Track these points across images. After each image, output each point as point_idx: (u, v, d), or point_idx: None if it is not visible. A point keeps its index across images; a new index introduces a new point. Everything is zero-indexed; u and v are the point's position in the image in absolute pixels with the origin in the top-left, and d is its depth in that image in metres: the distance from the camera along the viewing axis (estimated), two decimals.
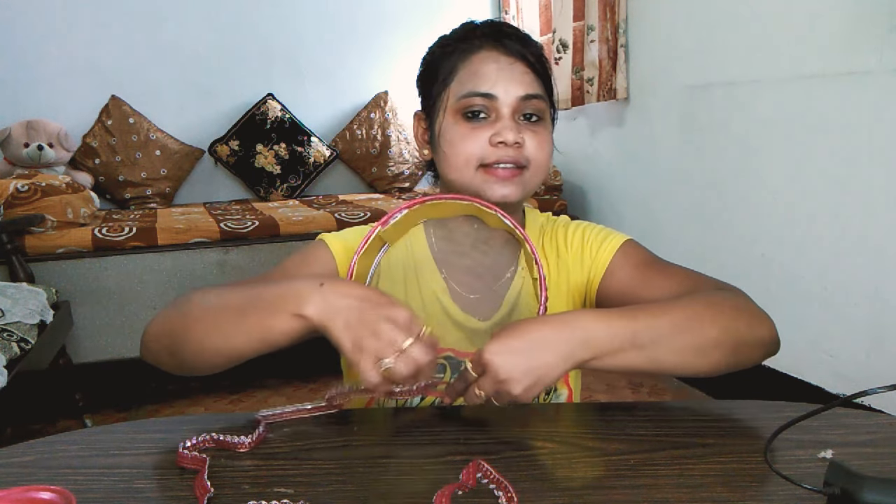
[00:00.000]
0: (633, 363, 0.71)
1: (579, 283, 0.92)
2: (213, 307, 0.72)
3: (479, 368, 0.68)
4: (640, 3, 2.67)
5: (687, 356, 0.72)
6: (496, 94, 0.83)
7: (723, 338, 0.73)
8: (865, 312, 1.89)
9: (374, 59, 3.69)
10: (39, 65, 3.24)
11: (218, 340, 0.70)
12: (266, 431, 0.71)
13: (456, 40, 0.88)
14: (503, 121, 0.83)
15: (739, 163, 2.26)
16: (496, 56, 0.84)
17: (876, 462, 0.63)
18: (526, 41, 0.86)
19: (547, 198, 3.03)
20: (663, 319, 0.72)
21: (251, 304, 0.70)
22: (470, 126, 0.84)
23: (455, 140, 0.85)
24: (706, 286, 0.81)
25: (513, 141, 0.82)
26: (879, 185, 1.81)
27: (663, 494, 0.59)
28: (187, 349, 0.73)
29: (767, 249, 2.18)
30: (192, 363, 0.74)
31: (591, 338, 0.69)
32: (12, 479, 0.62)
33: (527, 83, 0.84)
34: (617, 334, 0.70)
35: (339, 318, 0.64)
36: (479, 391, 0.68)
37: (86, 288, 2.41)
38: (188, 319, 0.73)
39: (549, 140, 0.87)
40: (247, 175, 3.48)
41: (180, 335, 0.73)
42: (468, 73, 0.85)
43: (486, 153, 0.83)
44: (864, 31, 1.80)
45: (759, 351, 0.76)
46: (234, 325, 0.70)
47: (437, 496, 0.56)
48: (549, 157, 0.87)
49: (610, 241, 0.90)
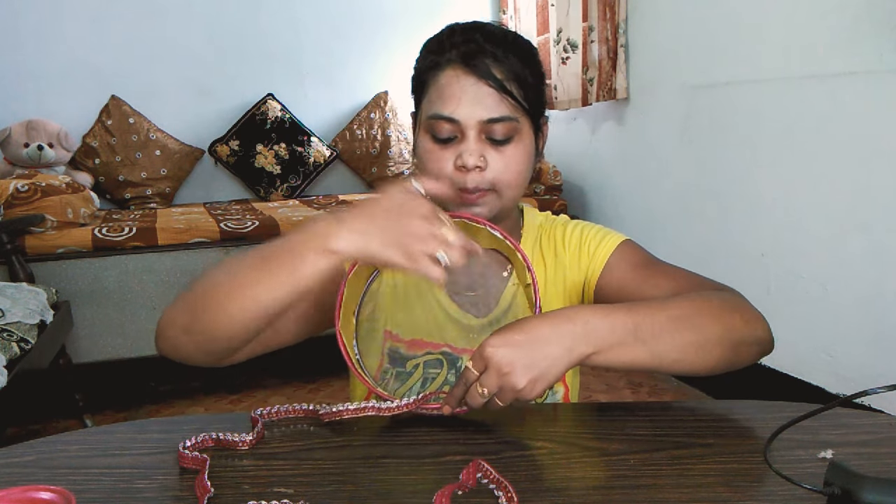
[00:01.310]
0: (634, 358, 0.71)
1: (576, 283, 0.92)
2: (231, 269, 0.71)
3: (481, 364, 0.67)
4: (640, 3, 2.67)
5: (688, 352, 0.72)
6: (458, 119, 0.81)
7: (723, 335, 0.73)
8: (865, 312, 1.89)
9: (374, 59, 3.69)
10: (39, 65, 3.24)
11: (243, 299, 0.68)
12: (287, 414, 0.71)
13: (431, 51, 0.85)
14: (467, 143, 0.81)
15: (739, 163, 2.25)
16: (461, 76, 0.81)
17: (876, 462, 0.63)
18: (498, 57, 0.81)
19: (547, 198, 3.03)
20: (664, 315, 0.72)
21: (273, 255, 0.68)
22: (438, 147, 0.83)
23: (425, 158, 0.85)
24: (703, 286, 0.82)
25: (473, 165, 0.81)
26: (880, 184, 1.81)
27: (663, 494, 0.59)
28: (207, 319, 0.70)
29: (767, 249, 2.18)
30: (213, 334, 0.71)
31: (591, 331, 0.69)
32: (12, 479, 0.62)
33: (490, 106, 0.81)
34: (617, 327, 0.70)
35: (374, 241, 0.65)
36: (481, 388, 0.68)
37: (86, 288, 2.41)
38: (206, 288, 0.71)
39: (521, 158, 0.84)
40: (247, 175, 3.47)
41: (200, 306, 0.71)
42: (436, 92, 0.83)
43: (454, 178, 0.82)
44: (864, 31, 1.80)
45: (755, 350, 0.77)
46: (259, 278, 0.68)
47: (437, 496, 0.56)
48: (519, 175, 0.84)
49: (608, 241, 0.90)
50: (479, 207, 0.83)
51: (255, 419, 0.73)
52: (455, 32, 0.85)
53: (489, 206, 0.84)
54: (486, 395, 0.68)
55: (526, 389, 0.67)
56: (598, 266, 0.89)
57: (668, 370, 0.74)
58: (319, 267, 0.66)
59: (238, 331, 0.70)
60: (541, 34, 3.24)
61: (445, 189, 0.75)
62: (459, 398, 0.70)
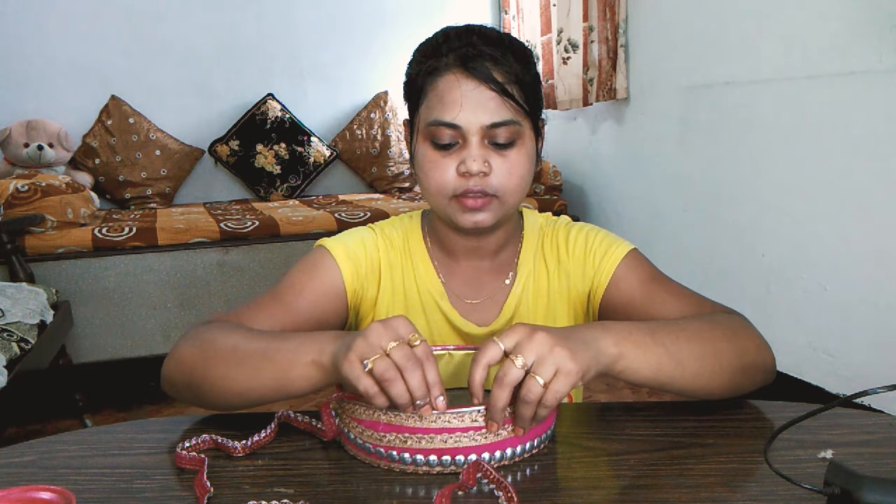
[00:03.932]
0: (659, 361, 0.68)
1: (581, 293, 0.91)
2: (233, 349, 0.71)
3: (511, 341, 0.61)
4: (640, 3, 2.67)
5: (706, 365, 0.71)
6: (460, 125, 0.79)
7: (735, 357, 0.74)
8: (865, 312, 1.89)
9: (374, 59, 3.69)
10: (39, 65, 3.24)
11: (237, 383, 0.70)
12: (269, 436, 0.69)
13: (426, 56, 0.84)
14: (469, 149, 0.80)
15: (739, 163, 2.25)
16: (461, 80, 0.79)
17: (876, 462, 0.63)
18: (497, 59, 0.80)
19: (547, 198, 3.03)
20: (679, 328, 0.73)
21: (272, 350, 0.69)
22: (439, 154, 0.82)
23: (426, 167, 0.83)
24: (709, 307, 0.82)
25: (477, 171, 0.79)
26: (880, 184, 1.81)
27: (663, 494, 0.58)
28: (206, 386, 0.72)
29: (767, 249, 2.18)
30: (210, 400, 0.73)
31: (608, 327, 0.68)
32: (12, 479, 0.62)
33: (493, 110, 0.79)
34: (634, 328, 0.69)
35: (350, 351, 0.61)
36: (518, 358, 0.59)
37: (86, 288, 2.41)
38: (208, 358, 0.72)
39: (524, 162, 0.82)
40: (247, 175, 3.47)
41: (199, 372, 0.72)
42: (435, 98, 0.81)
43: (455, 184, 0.81)
44: (864, 31, 1.80)
45: (761, 377, 0.78)
46: (254, 369, 0.69)
47: (437, 496, 0.56)
48: (522, 180, 0.83)
49: (614, 251, 0.88)
50: (483, 214, 0.82)
51: (280, 418, 0.72)
52: (450, 36, 0.83)
53: (493, 212, 0.83)
54: (540, 385, 0.59)
55: (578, 365, 0.60)
56: (604, 278, 0.88)
57: (688, 383, 0.71)
58: (307, 374, 0.66)
59: (236, 404, 0.73)
60: (544, 34, 3.24)
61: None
62: (481, 381, 0.61)
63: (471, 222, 0.82)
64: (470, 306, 0.91)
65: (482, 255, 0.91)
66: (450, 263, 0.92)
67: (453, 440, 0.61)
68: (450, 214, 0.84)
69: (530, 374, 0.59)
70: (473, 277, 0.92)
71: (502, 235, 0.90)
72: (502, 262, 0.92)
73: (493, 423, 0.61)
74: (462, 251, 0.91)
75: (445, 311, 0.90)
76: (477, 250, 0.91)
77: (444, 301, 0.90)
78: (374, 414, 0.62)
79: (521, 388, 0.60)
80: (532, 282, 0.91)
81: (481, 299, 0.91)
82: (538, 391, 0.59)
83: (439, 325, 0.90)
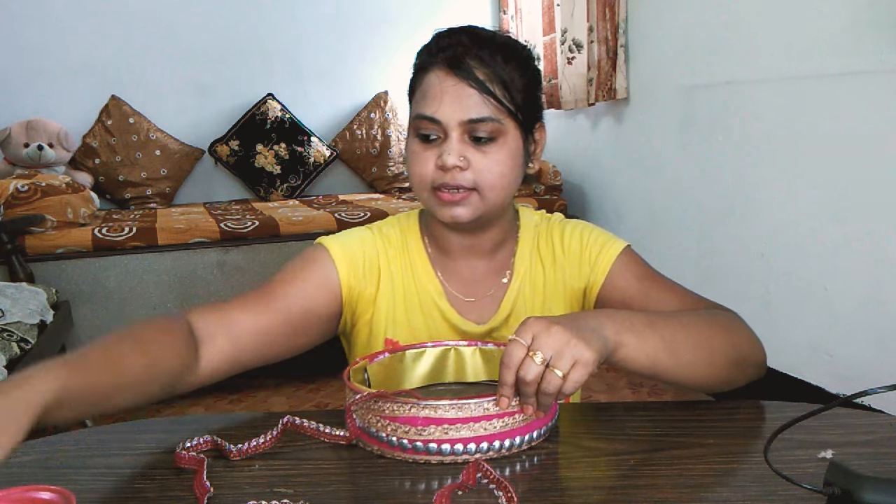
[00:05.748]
0: (655, 349, 0.71)
1: (577, 289, 0.92)
2: None
3: (528, 334, 0.64)
4: (640, 3, 2.67)
5: (701, 356, 0.75)
6: (440, 119, 0.81)
7: (729, 351, 0.77)
8: (865, 312, 1.88)
9: (374, 59, 3.69)
10: (39, 65, 3.24)
11: None
12: (267, 443, 0.69)
13: (420, 55, 0.87)
14: (449, 143, 0.81)
15: (739, 163, 2.25)
16: (444, 77, 0.82)
17: (876, 462, 0.63)
18: (484, 59, 0.81)
19: (547, 198, 3.03)
20: (675, 320, 0.76)
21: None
22: (422, 147, 0.84)
23: (410, 159, 0.86)
24: (704, 304, 0.85)
25: (452, 164, 0.81)
26: (880, 184, 1.81)
27: (663, 494, 0.59)
28: None
29: (767, 249, 2.18)
30: None
31: (610, 315, 0.71)
32: (12, 479, 0.62)
33: (472, 106, 0.80)
34: (634, 316, 0.72)
35: None
36: (536, 354, 0.62)
37: (86, 288, 2.41)
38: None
39: (504, 159, 0.83)
40: (247, 175, 3.48)
41: None
42: (421, 93, 0.84)
43: (434, 176, 0.83)
44: (863, 31, 1.80)
45: (752, 371, 0.80)
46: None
47: (437, 496, 0.56)
48: (502, 177, 0.83)
49: (609, 248, 0.90)
50: (462, 208, 0.83)
51: (286, 425, 0.71)
52: (442, 36, 0.85)
53: (471, 207, 0.83)
54: (559, 376, 0.63)
55: (591, 350, 0.63)
56: (600, 275, 0.89)
57: (683, 373, 0.74)
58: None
59: None
60: (547, 34, 3.24)
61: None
62: (512, 383, 0.64)
63: (448, 216, 0.84)
64: (468, 304, 0.91)
65: (479, 253, 0.92)
66: (447, 262, 0.92)
67: (491, 426, 0.65)
68: (431, 207, 0.86)
69: (549, 368, 0.63)
70: (471, 276, 0.92)
71: (498, 233, 0.91)
72: (499, 260, 0.93)
73: (527, 406, 0.65)
74: (458, 250, 0.91)
75: (443, 310, 0.90)
76: (473, 248, 0.91)
77: (441, 300, 0.91)
78: (411, 409, 0.64)
79: (542, 380, 0.63)
80: (529, 279, 0.92)
81: (479, 297, 0.92)
82: (557, 383, 0.63)
83: (437, 324, 0.91)
